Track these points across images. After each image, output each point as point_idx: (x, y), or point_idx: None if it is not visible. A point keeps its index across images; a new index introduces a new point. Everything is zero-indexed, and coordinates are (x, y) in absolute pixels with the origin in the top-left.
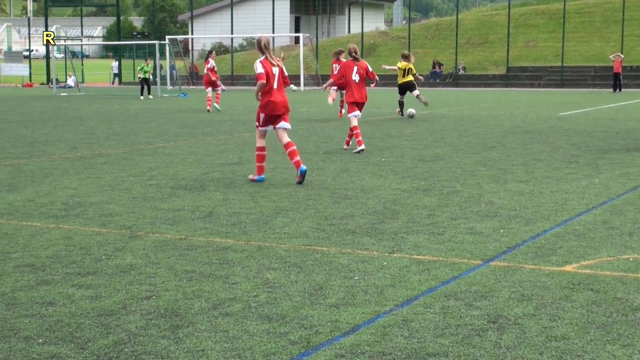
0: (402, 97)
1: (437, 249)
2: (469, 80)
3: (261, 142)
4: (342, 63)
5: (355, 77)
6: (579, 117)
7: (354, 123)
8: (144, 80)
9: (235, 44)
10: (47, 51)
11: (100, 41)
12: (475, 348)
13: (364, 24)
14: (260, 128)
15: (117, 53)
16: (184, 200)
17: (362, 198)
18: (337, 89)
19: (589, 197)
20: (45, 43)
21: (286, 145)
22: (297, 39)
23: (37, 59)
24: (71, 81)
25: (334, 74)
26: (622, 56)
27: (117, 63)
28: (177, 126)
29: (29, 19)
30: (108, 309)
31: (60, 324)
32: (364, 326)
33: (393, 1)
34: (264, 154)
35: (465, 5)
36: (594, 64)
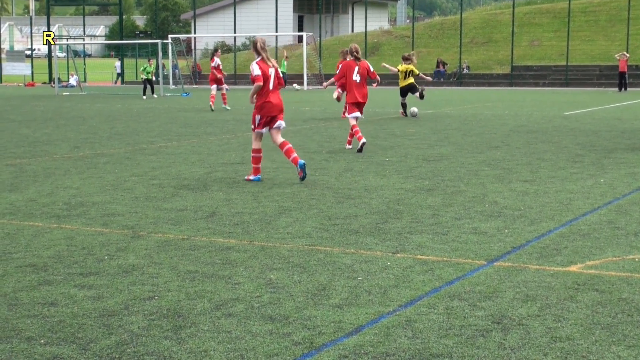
0: (404, 99)
1: (441, 249)
2: (473, 79)
3: (257, 144)
4: (343, 63)
5: (356, 77)
6: (584, 116)
7: (352, 122)
8: (147, 80)
9: (238, 43)
10: (49, 50)
11: (102, 40)
12: (479, 349)
13: (368, 23)
14: (257, 130)
15: (120, 52)
16: (187, 200)
17: (365, 198)
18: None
19: (594, 197)
20: (45, 43)
21: (281, 145)
22: (300, 38)
23: (39, 58)
24: (73, 80)
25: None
26: (628, 55)
27: (120, 62)
28: (180, 126)
29: (31, 18)
30: (110, 310)
31: (62, 324)
32: (367, 327)
33: (397, 0)
34: (260, 155)
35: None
36: (599, 63)
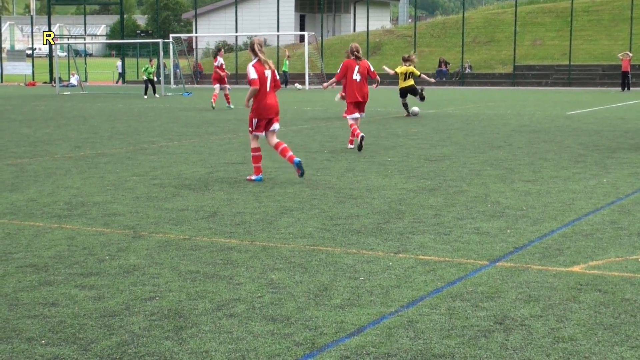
0: (404, 99)
1: (443, 249)
2: (475, 79)
3: (255, 143)
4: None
5: (357, 76)
6: (587, 116)
7: (350, 122)
8: (148, 81)
9: (240, 43)
10: (50, 50)
11: (103, 40)
12: (481, 349)
13: (370, 23)
14: (254, 133)
15: (121, 52)
16: (188, 200)
17: (367, 198)
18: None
19: (597, 197)
20: (45, 43)
21: (276, 146)
22: (302, 37)
23: (40, 57)
24: (74, 80)
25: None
26: (631, 55)
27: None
28: (181, 125)
29: (31, 17)
30: (111, 310)
31: (63, 324)
32: (369, 327)
33: None
34: (260, 154)
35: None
36: (602, 62)
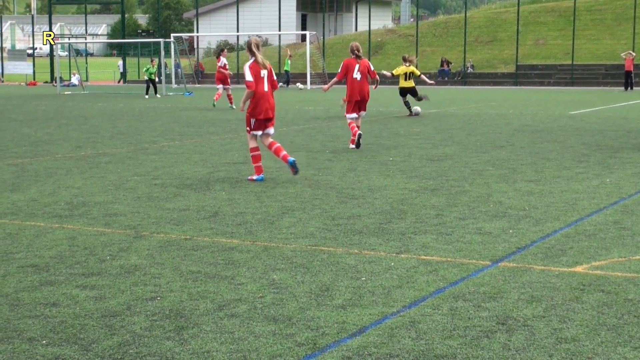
0: (405, 98)
1: (445, 249)
2: (477, 78)
3: (254, 143)
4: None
5: (357, 75)
6: (590, 115)
7: (349, 120)
8: (149, 80)
9: (241, 42)
10: (51, 49)
11: (104, 39)
12: (483, 350)
13: (372, 22)
14: (252, 132)
15: (122, 51)
16: (189, 200)
17: (369, 198)
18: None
19: (599, 197)
20: (45, 43)
21: (269, 146)
22: (303, 36)
23: (41, 57)
24: (75, 79)
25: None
26: (634, 54)
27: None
28: (182, 125)
29: (32, 16)
30: (112, 310)
31: (64, 325)
32: (371, 327)
33: None
34: (259, 154)
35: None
36: (604, 62)
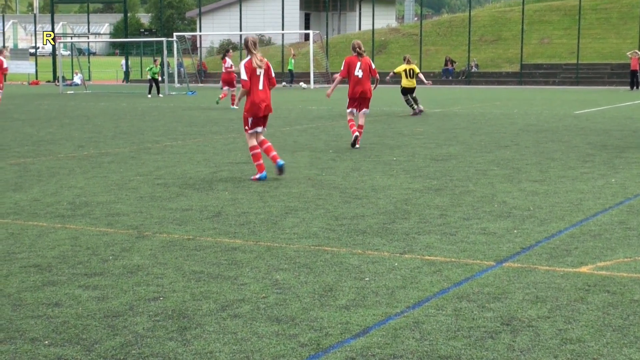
0: (406, 96)
1: (449, 249)
2: (481, 77)
3: (252, 142)
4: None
5: (358, 73)
6: (595, 115)
7: (349, 117)
8: (152, 80)
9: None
10: (54, 49)
11: (107, 38)
12: (488, 350)
13: (375, 21)
14: (250, 131)
15: (125, 50)
16: (192, 200)
17: (372, 198)
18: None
19: (605, 197)
20: (45, 43)
21: (261, 143)
22: (307, 36)
23: (44, 56)
24: (78, 79)
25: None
26: None
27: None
28: (185, 124)
29: (35, 15)
30: (115, 310)
31: (66, 325)
32: (374, 328)
33: None
34: (259, 151)
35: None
36: (610, 61)
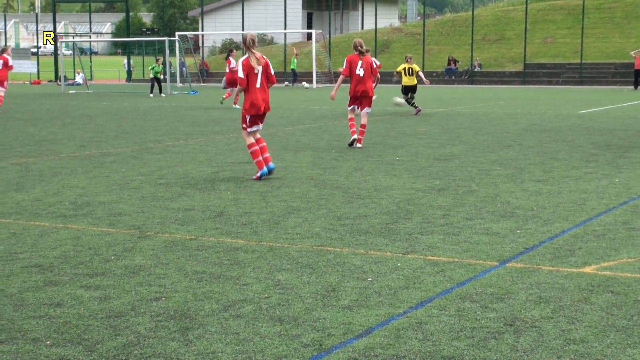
0: (406, 96)
1: (452, 249)
2: (484, 77)
3: (250, 139)
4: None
5: (360, 71)
6: (599, 115)
7: (349, 115)
8: (155, 79)
9: None
10: (55, 48)
11: (109, 38)
12: (491, 351)
13: (378, 20)
14: (249, 130)
15: (127, 50)
16: (194, 200)
17: (375, 198)
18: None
19: (608, 197)
20: (45, 43)
21: (257, 142)
22: (309, 35)
23: (45, 55)
24: (80, 78)
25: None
26: None
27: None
28: (187, 124)
29: (36, 15)
30: (117, 311)
31: (68, 325)
32: (377, 328)
33: None
34: (257, 149)
35: (482, 1)
36: (614, 60)
